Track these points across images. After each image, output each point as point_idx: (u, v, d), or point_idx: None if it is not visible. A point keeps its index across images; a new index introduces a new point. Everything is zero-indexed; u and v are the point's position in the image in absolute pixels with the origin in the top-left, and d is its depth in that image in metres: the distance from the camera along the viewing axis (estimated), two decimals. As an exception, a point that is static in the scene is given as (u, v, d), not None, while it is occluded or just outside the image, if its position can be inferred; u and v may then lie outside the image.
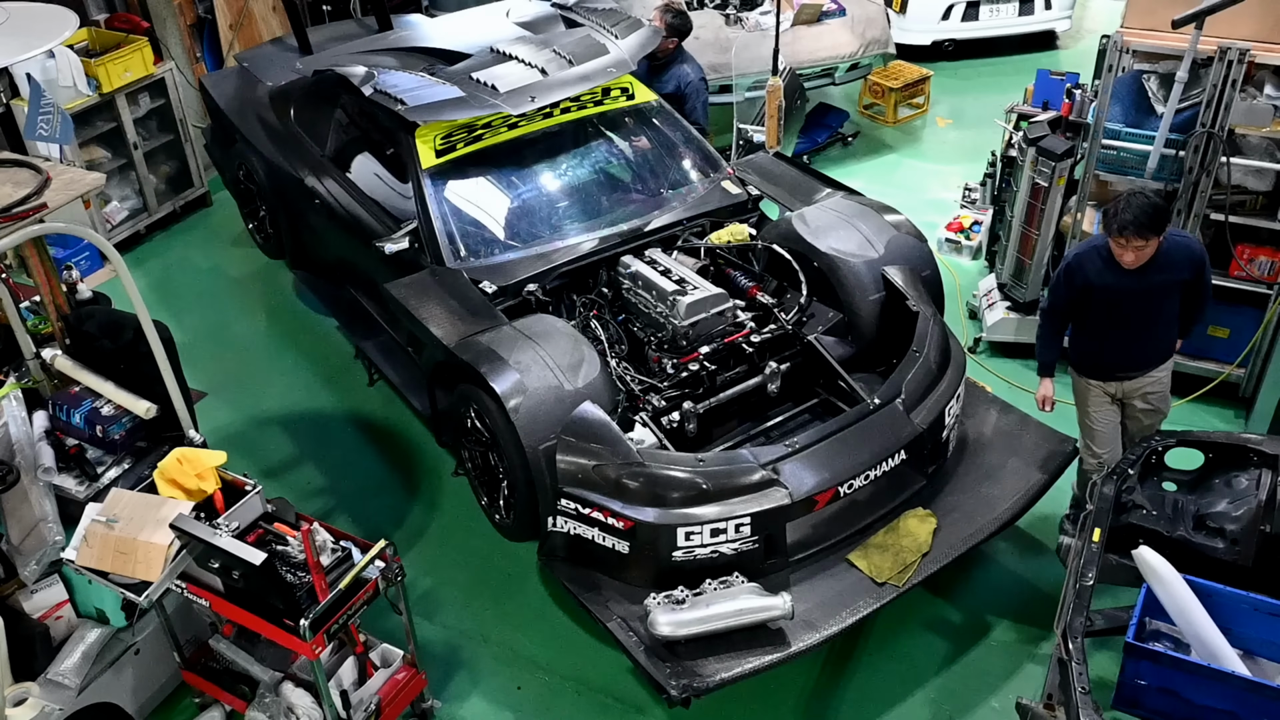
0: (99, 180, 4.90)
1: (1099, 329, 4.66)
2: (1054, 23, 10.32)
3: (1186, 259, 4.50)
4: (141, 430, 4.97)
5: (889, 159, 8.80)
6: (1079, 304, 4.62)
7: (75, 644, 4.17)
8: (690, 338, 5.10)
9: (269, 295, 7.36)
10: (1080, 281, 4.54)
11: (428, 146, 5.56)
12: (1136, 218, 4.24)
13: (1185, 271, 4.51)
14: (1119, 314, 4.58)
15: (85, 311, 5.22)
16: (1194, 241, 4.62)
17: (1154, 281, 4.47)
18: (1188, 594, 3.83)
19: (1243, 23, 5.07)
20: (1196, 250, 4.55)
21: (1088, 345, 4.75)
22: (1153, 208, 4.26)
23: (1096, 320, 4.64)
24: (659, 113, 6.29)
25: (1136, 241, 4.29)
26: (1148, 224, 4.24)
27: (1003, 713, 4.44)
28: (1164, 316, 4.63)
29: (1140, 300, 4.52)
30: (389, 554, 4.00)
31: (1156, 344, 4.70)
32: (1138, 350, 4.69)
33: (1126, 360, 4.72)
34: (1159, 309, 4.57)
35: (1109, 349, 4.70)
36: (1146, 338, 4.66)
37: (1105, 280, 4.48)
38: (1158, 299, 4.53)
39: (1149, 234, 4.26)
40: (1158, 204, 4.27)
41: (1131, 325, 4.61)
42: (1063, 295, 4.66)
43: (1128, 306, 4.55)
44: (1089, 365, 4.79)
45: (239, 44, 8.44)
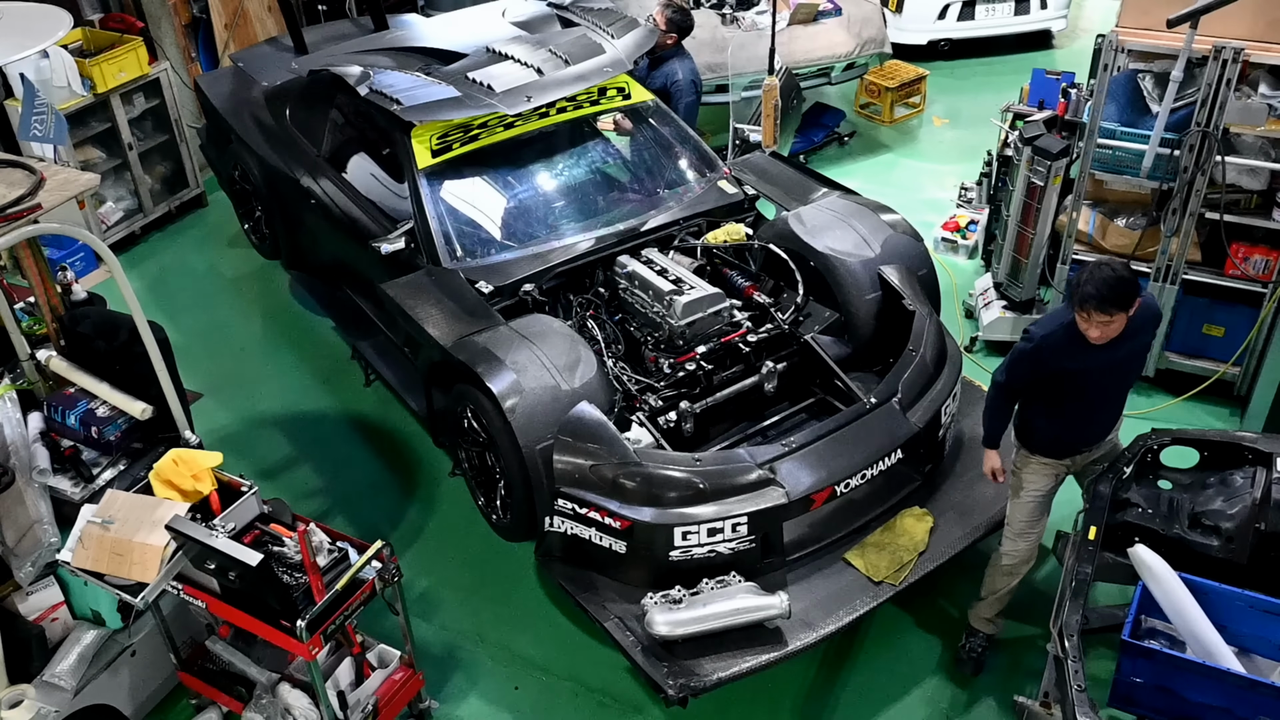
0: (93, 181, 4.89)
1: (1060, 410, 4.22)
2: (1049, 22, 10.33)
3: (1151, 321, 4.18)
4: (137, 431, 4.95)
5: (885, 158, 8.81)
6: (1042, 385, 4.17)
7: (71, 646, 4.17)
8: (687, 337, 5.10)
9: (265, 296, 7.35)
10: (1050, 369, 4.07)
11: (424, 146, 5.56)
12: (1099, 291, 3.83)
13: (1149, 333, 4.20)
14: (1086, 394, 4.17)
15: (80, 312, 5.21)
16: (1152, 298, 4.21)
17: (1122, 354, 4.07)
18: (1183, 592, 3.84)
19: (1237, 22, 5.07)
20: (1155, 308, 4.24)
21: (1045, 427, 4.29)
22: (1118, 280, 3.83)
23: (1059, 402, 4.19)
24: (655, 112, 6.29)
25: (1100, 317, 3.86)
26: (1112, 299, 3.82)
27: (1000, 710, 4.44)
28: (1130, 383, 4.32)
29: (1110, 376, 4.15)
30: (386, 554, 4.00)
31: (1119, 411, 4.39)
32: (1100, 424, 4.34)
33: (1087, 436, 4.34)
34: (1126, 379, 4.26)
35: (1070, 429, 4.29)
36: (1111, 410, 4.34)
37: (1075, 363, 4.02)
38: (1126, 370, 4.20)
39: (1113, 309, 3.84)
40: (1124, 276, 3.84)
41: (1097, 403, 4.24)
42: (1025, 377, 4.18)
43: (1096, 386, 4.15)
44: (1042, 444, 4.33)
45: (234, 44, 8.43)
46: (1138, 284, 3.87)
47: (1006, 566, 4.49)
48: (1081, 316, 3.90)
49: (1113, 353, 4.01)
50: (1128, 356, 4.13)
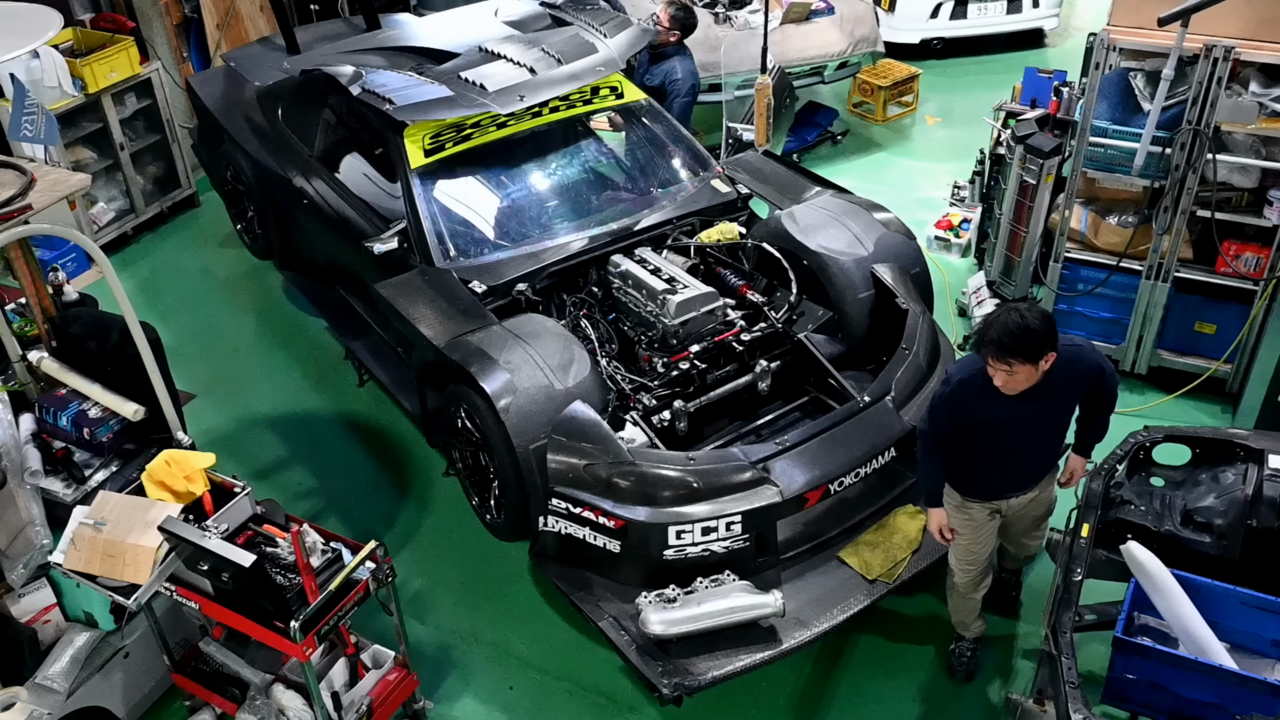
0: (84, 181, 4.89)
1: (981, 456, 4.00)
2: (1042, 21, 10.35)
3: (1083, 375, 3.87)
4: (129, 432, 4.95)
5: (878, 157, 8.81)
6: (963, 431, 3.92)
7: (64, 648, 4.16)
8: (680, 336, 5.11)
9: (258, 296, 7.34)
10: (967, 414, 3.86)
11: (416, 146, 5.55)
12: (998, 338, 3.58)
13: (1081, 387, 3.92)
14: (1004, 443, 3.93)
15: (72, 313, 5.20)
16: (1086, 351, 3.89)
17: (1042, 407, 3.81)
18: (1176, 588, 3.85)
19: (1228, 20, 5.09)
20: (1092, 362, 3.89)
21: (968, 469, 4.08)
22: (1023, 330, 3.54)
23: (981, 448, 3.97)
24: (648, 111, 6.29)
25: (999, 365, 3.63)
26: (1011, 347, 3.56)
27: (993, 708, 4.45)
28: (1056, 436, 4.08)
29: (1027, 428, 3.88)
30: (379, 555, 3.99)
31: (1046, 462, 4.14)
32: (1023, 473, 4.11)
33: (1011, 484, 4.12)
34: (1048, 433, 4.02)
35: (993, 475, 4.08)
36: (1034, 461, 4.09)
37: (989, 410, 3.80)
38: (1047, 424, 3.95)
39: (1013, 359, 3.58)
40: (1031, 327, 3.55)
41: (1021, 453, 4.01)
42: (944, 425, 3.94)
43: (1013, 434, 3.89)
44: (965, 485, 4.14)
45: (226, 43, 8.40)
46: (1049, 337, 3.59)
47: (960, 591, 4.41)
48: (987, 361, 3.68)
49: (1033, 405, 3.76)
50: (1050, 411, 3.88)
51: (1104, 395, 4.03)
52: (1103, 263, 5.91)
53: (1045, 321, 3.60)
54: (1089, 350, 3.92)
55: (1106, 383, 3.99)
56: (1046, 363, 3.63)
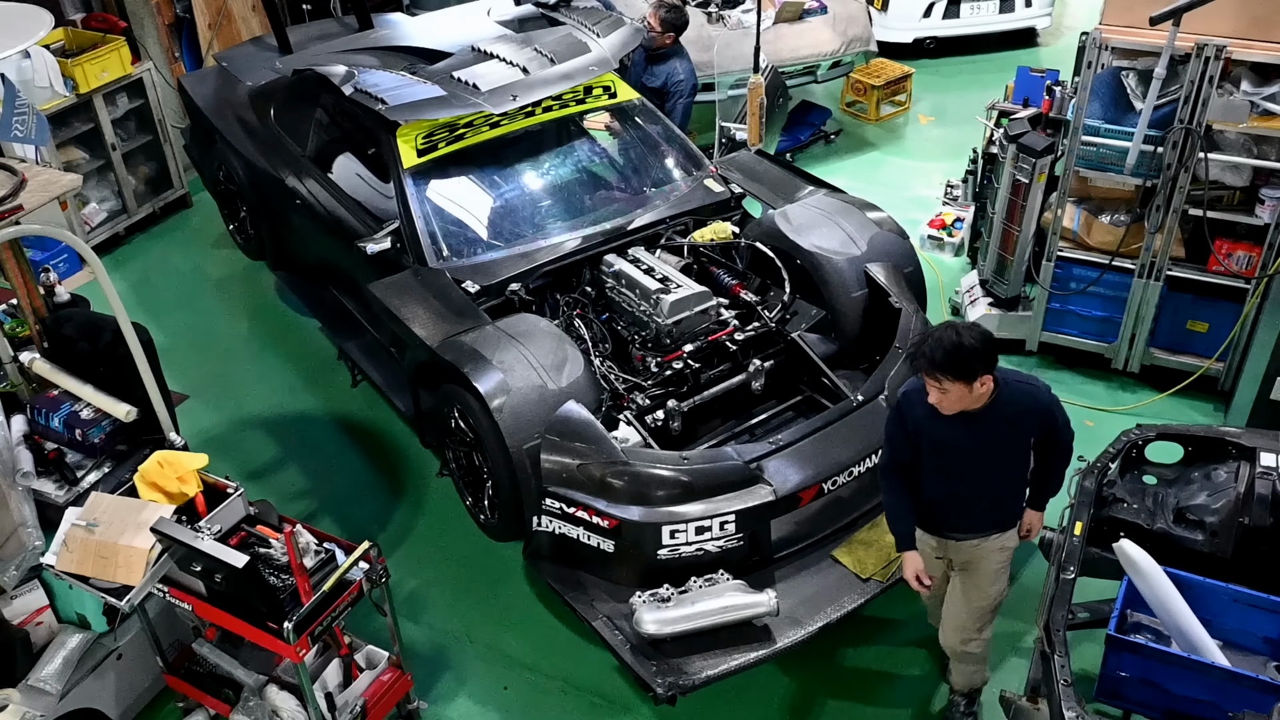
0: (75, 181, 4.88)
1: (925, 477, 3.88)
2: (1034, 20, 10.36)
3: (1031, 413, 3.72)
4: (121, 433, 4.94)
5: (871, 156, 8.82)
6: (914, 450, 3.83)
7: (56, 649, 4.15)
8: (674, 336, 5.11)
9: (250, 297, 7.32)
10: (911, 426, 3.78)
11: (409, 146, 5.55)
12: (930, 353, 3.50)
13: (1030, 428, 3.77)
14: (945, 466, 3.81)
15: (63, 314, 5.19)
16: (1041, 392, 3.75)
17: (985, 437, 3.68)
18: (1168, 586, 3.86)
19: (1220, 19, 5.10)
20: (1043, 403, 3.74)
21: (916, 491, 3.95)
22: (955, 348, 3.45)
23: (924, 467, 3.86)
24: (641, 111, 6.29)
25: (931, 381, 3.56)
26: (942, 364, 3.48)
27: (987, 706, 4.45)
28: (1002, 478, 3.87)
29: (969, 457, 3.75)
30: (373, 555, 3.99)
31: (993, 508, 3.93)
32: (968, 510, 3.92)
33: (954, 518, 3.95)
34: (993, 469, 3.81)
35: (935, 501, 3.92)
36: (979, 499, 3.88)
37: (930, 427, 3.72)
38: (991, 458, 3.77)
39: (941, 375, 3.51)
40: (965, 345, 3.45)
41: (961, 482, 3.83)
42: (900, 446, 3.85)
43: (954, 460, 3.78)
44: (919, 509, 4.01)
45: (218, 43, 8.39)
46: (983, 359, 3.48)
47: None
48: (923, 376, 3.62)
49: (973, 433, 3.66)
50: (993, 444, 3.72)
51: (1056, 446, 3.89)
52: (1095, 261, 5.92)
53: (982, 343, 3.49)
54: (1042, 392, 3.76)
55: (1058, 432, 3.84)
56: (983, 386, 3.53)
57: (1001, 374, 3.64)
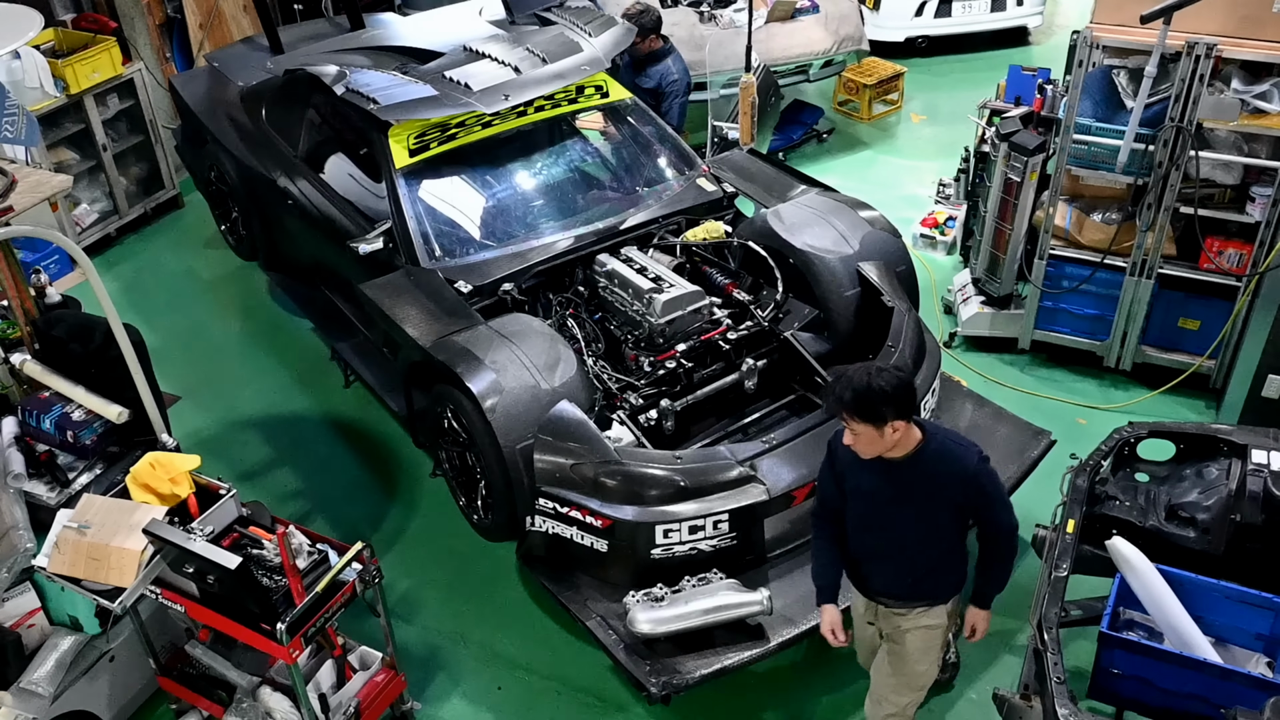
0: (66, 182, 4.87)
1: (849, 526, 3.69)
2: (1026, 19, 10.39)
3: (955, 477, 3.44)
4: (113, 435, 4.93)
5: (864, 155, 8.83)
6: (841, 494, 3.64)
7: (48, 652, 4.13)
8: (667, 335, 5.11)
9: (243, 297, 7.31)
10: (839, 468, 3.60)
11: (401, 146, 5.54)
12: (839, 392, 3.34)
13: (954, 493, 3.47)
14: (866, 517, 3.62)
15: (54, 316, 5.18)
16: (970, 457, 3.45)
17: (906, 492, 3.46)
18: (1160, 583, 3.87)
19: (1210, 18, 5.12)
20: (968, 469, 3.43)
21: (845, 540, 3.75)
22: (864, 389, 3.28)
23: (849, 516, 3.67)
24: (634, 110, 6.29)
25: (843, 420, 3.39)
26: (850, 403, 3.31)
27: (980, 704, 4.47)
28: (926, 542, 3.58)
29: (889, 510, 3.54)
30: (366, 556, 3.98)
31: (919, 577, 3.65)
32: (891, 572, 3.69)
33: (877, 579, 3.73)
34: (915, 529, 3.55)
35: (859, 557, 3.73)
36: (901, 561, 3.64)
37: (854, 472, 3.53)
38: (912, 515, 3.52)
39: (846, 414, 3.34)
40: (875, 387, 3.27)
41: (882, 537, 3.62)
42: (827, 481, 3.67)
43: (875, 512, 3.58)
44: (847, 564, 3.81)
45: (209, 44, 8.37)
46: (894, 403, 3.29)
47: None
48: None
49: (894, 483, 3.47)
50: (915, 501, 3.48)
51: (993, 527, 3.58)
52: (1087, 259, 5.93)
53: (895, 388, 3.29)
54: (972, 458, 3.45)
55: (993, 511, 3.54)
56: (895, 432, 3.32)
57: (935, 429, 3.48)
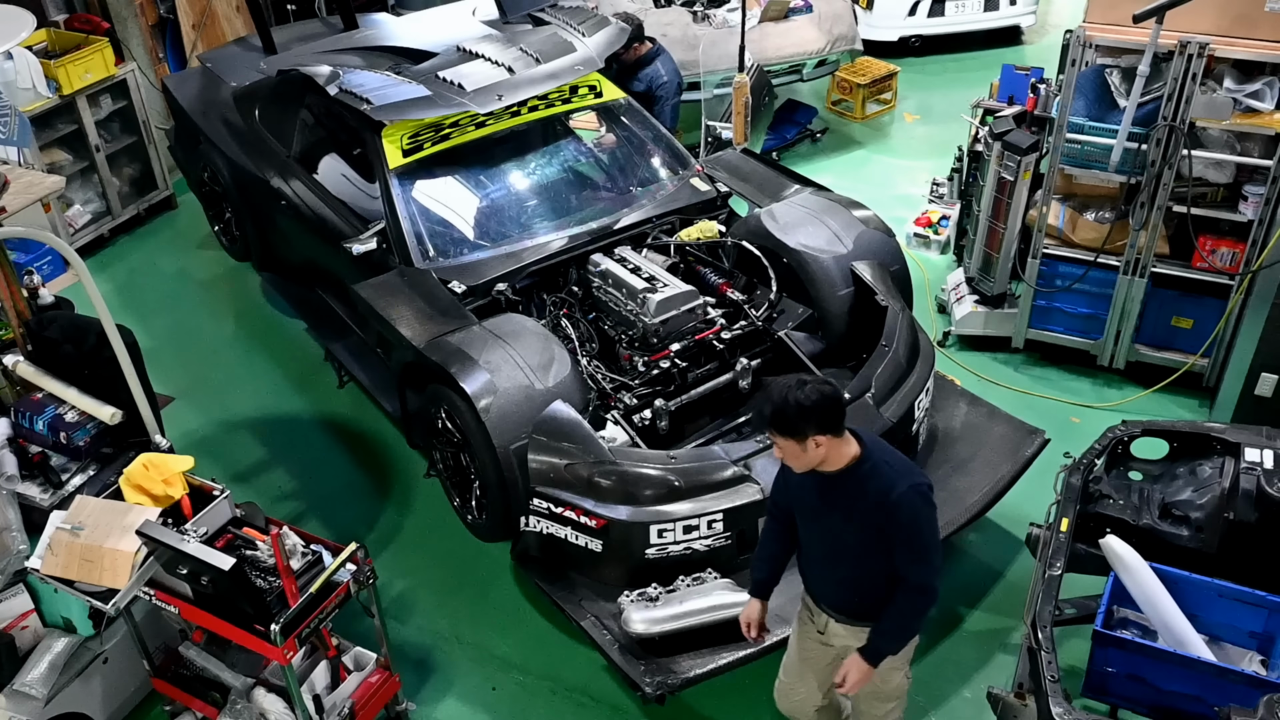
0: (58, 183, 4.86)
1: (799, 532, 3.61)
2: (1019, 18, 10.40)
3: (879, 501, 3.25)
4: (106, 436, 4.92)
5: (857, 155, 8.84)
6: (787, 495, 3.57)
7: (42, 654, 4.12)
8: (661, 335, 5.11)
9: (236, 298, 7.30)
10: (790, 479, 3.49)
11: (394, 146, 5.53)
12: (762, 405, 3.29)
13: (875, 514, 3.28)
14: (804, 523, 3.55)
15: (47, 317, 5.17)
16: (899, 484, 3.25)
17: (835, 506, 3.35)
18: (1154, 582, 3.88)
19: (1203, 17, 5.13)
20: (890, 497, 3.24)
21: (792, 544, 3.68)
22: (782, 403, 3.16)
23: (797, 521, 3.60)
24: (627, 110, 6.29)
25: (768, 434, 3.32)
26: (770, 417, 3.22)
27: (974, 702, 4.47)
28: (860, 560, 3.41)
29: (821, 521, 3.46)
30: (360, 557, 3.98)
31: (858, 594, 3.52)
32: (831, 582, 3.59)
33: (820, 586, 3.63)
34: (846, 546, 3.43)
35: (808, 561, 3.64)
36: (837, 573, 3.55)
37: (795, 476, 3.41)
38: (842, 530, 3.40)
39: (769, 428, 3.26)
40: (792, 401, 3.15)
41: (818, 547, 3.56)
42: (778, 480, 3.61)
43: (809, 520, 3.51)
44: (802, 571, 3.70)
45: (202, 44, 8.36)
46: (813, 419, 3.16)
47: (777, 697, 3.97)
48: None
49: (825, 496, 3.36)
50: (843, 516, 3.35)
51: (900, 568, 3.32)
52: (1080, 258, 5.94)
53: (816, 403, 3.15)
54: (901, 485, 3.25)
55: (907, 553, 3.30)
56: (818, 448, 3.20)
57: (876, 449, 3.33)
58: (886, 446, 3.41)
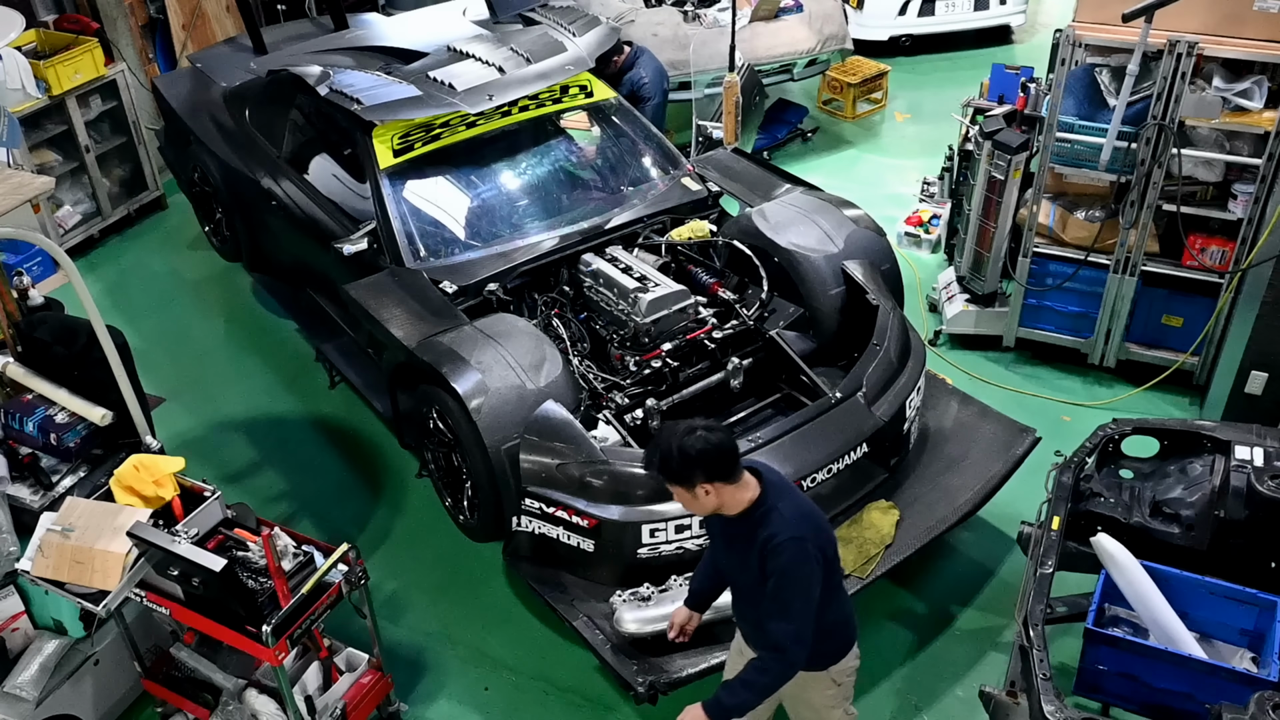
0: (48, 184, 4.83)
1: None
2: (1009, 17, 10.43)
3: (758, 544, 3.18)
4: (97, 437, 4.89)
5: (848, 154, 8.85)
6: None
7: (33, 656, 4.11)
8: (652, 335, 5.10)
9: (227, 299, 7.28)
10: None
11: (385, 146, 5.52)
12: (651, 454, 3.22)
13: (759, 560, 3.20)
14: (719, 563, 3.58)
15: (37, 318, 5.14)
16: (782, 532, 3.16)
17: (731, 545, 3.33)
18: (1145, 579, 3.89)
19: (1191, 16, 5.15)
20: (769, 542, 3.16)
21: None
22: (670, 453, 3.12)
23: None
24: (618, 110, 6.28)
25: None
26: (658, 466, 3.19)
27: (967, 701, 4.48)
28: (755, 603, 3.33)
29: (723, 559, 3.47)
30: (352, 557, 3.97)
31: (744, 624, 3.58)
32: (748, 622, 3.55)
33: (740, 623, 3.62)
34: (744, 587, 3.40)
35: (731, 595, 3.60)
36: (748, 615, 3.52)
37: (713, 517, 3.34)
38: (738, 573, 3.37)
39: (660, 477, 3.22)
40: (685, 454, 3.10)
41: (730, 583, 3.56)
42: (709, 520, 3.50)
43: (721, 560, 3.53)
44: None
45: (192, 44, 8.33)
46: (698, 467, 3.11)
47: None
48: None
49: (725, 533, 3.33)
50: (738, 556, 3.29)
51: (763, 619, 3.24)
52: (1071, 257, 5.96)
53: (703, 452, 3.10)
54: (782, 532, 3.15)
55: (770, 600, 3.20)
56: (708, 494, 3.15)
57: (777, 499, 3.22)
58: (791, 493, 3.31)
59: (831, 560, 3.34)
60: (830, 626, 3.42)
